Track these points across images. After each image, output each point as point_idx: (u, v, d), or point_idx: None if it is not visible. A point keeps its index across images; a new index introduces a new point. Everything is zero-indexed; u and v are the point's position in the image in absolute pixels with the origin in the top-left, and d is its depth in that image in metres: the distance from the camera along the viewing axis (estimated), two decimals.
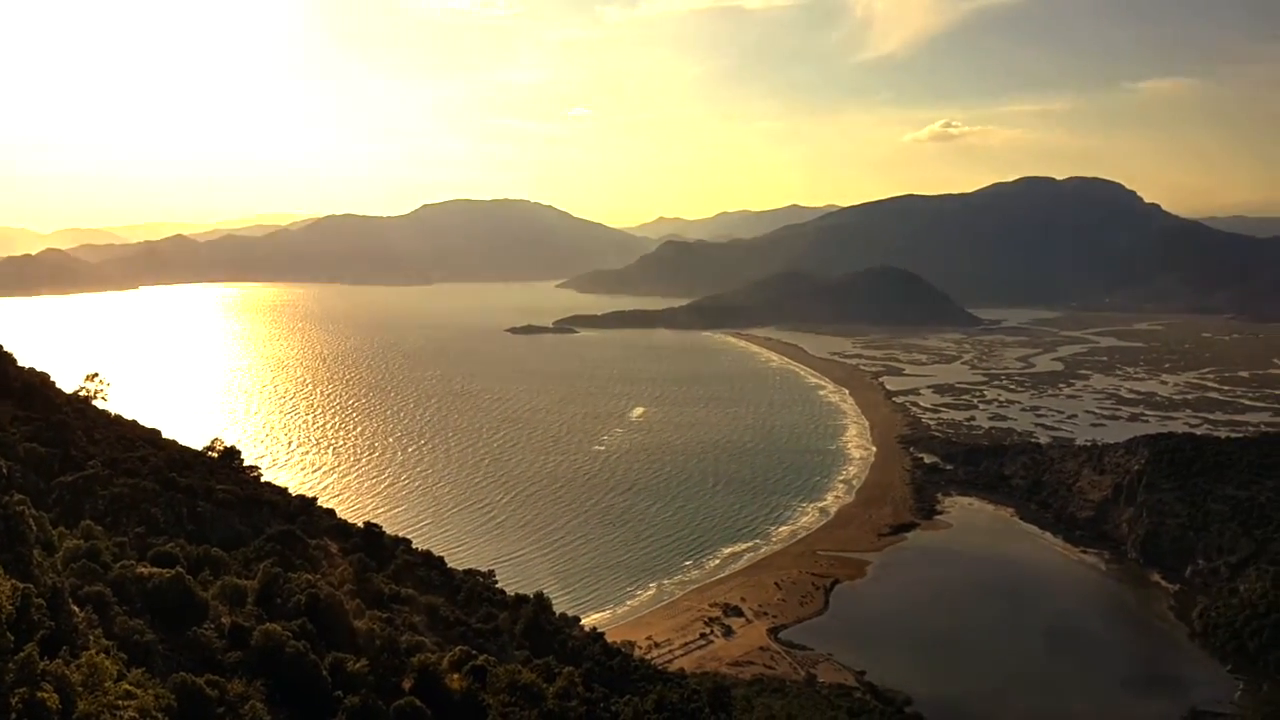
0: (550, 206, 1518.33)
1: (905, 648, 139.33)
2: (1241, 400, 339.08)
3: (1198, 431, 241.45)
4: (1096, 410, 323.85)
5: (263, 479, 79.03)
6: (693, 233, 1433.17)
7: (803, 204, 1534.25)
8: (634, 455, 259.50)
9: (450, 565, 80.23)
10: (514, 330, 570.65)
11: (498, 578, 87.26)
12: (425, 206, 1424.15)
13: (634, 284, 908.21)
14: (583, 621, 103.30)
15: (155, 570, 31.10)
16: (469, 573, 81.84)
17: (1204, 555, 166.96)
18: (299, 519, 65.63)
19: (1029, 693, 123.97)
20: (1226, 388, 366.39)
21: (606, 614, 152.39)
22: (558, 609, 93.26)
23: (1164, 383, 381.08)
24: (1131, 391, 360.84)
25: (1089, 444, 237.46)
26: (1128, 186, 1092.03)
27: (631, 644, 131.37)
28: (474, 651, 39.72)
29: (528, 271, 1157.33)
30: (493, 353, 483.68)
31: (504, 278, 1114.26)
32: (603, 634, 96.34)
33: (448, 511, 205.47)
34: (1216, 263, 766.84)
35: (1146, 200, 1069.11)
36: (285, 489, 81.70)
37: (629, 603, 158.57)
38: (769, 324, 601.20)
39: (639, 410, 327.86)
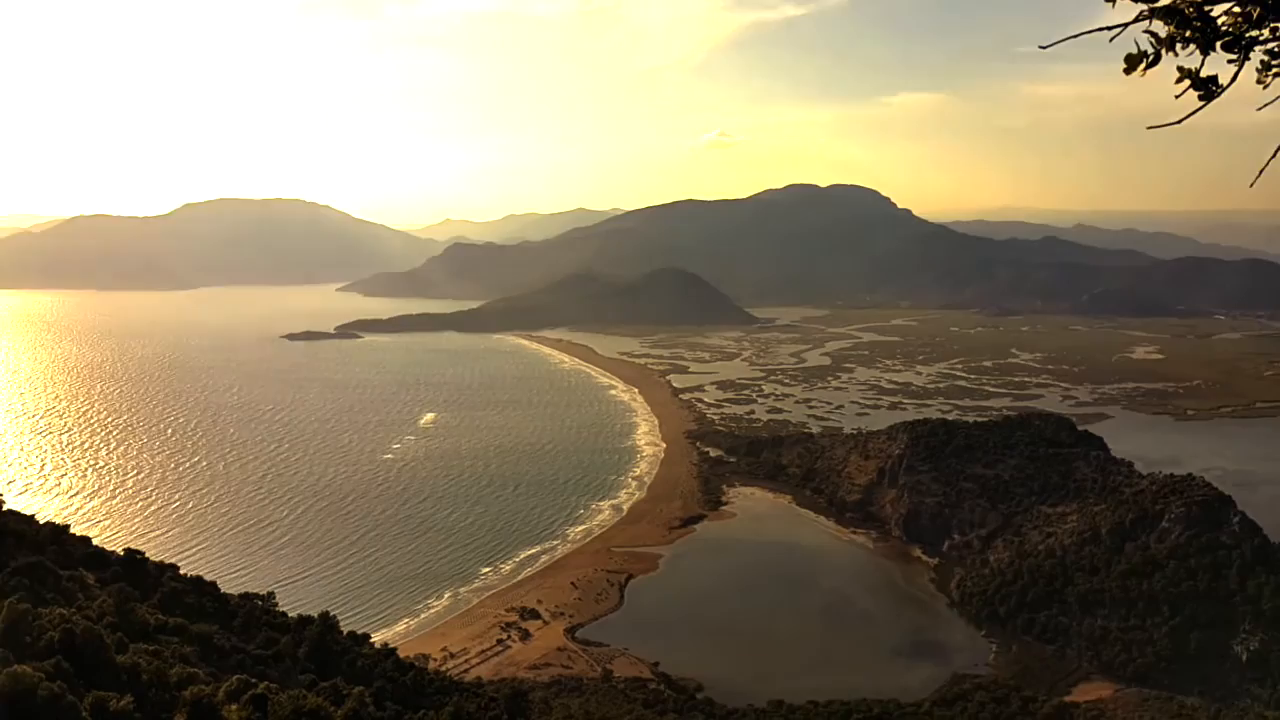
0: (328, 206, 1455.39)
1: (697, 636, 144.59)
2: (986, 387, 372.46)
3: (949, 417, 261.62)
4: (861, 400, 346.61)
5: (4, 507, 71.60)
6: (481, 235, 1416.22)
7: (589, 207, 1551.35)
8: (426, 462, 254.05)
9: (225, 590, 75.88)
10: (292, 336, 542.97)
11: (280, 599, 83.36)
12: (188, 206, 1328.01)
13: (421, 287, 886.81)
14: (374, 638, 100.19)
15: None
16: (245, 596, 77.67)
17: (958, 530, 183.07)
18: (49, 549, 60.14)
19: (810, 669, 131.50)
20: (973, 376, 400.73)
21: (401, 628, 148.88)
22: (348, 626, 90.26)
23: (919, 373, 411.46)
24: (891, 382, 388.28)
25: (855, 432, 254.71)
26: (883, 193, 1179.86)
27: (426, 657, 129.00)
28: (253, 680, 37.95)
29: (305, 274, 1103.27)
30: (269, 361, 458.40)
31: (279, 281, 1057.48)
32: (395, 649, 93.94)
33: (224, 532, 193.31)
34: (963, 262, 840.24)
35: (900, 205, 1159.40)
36: (33, 517, 74.41)
37: (423, 614, 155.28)
38: (560, 325, 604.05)
39: (430, 416, 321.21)
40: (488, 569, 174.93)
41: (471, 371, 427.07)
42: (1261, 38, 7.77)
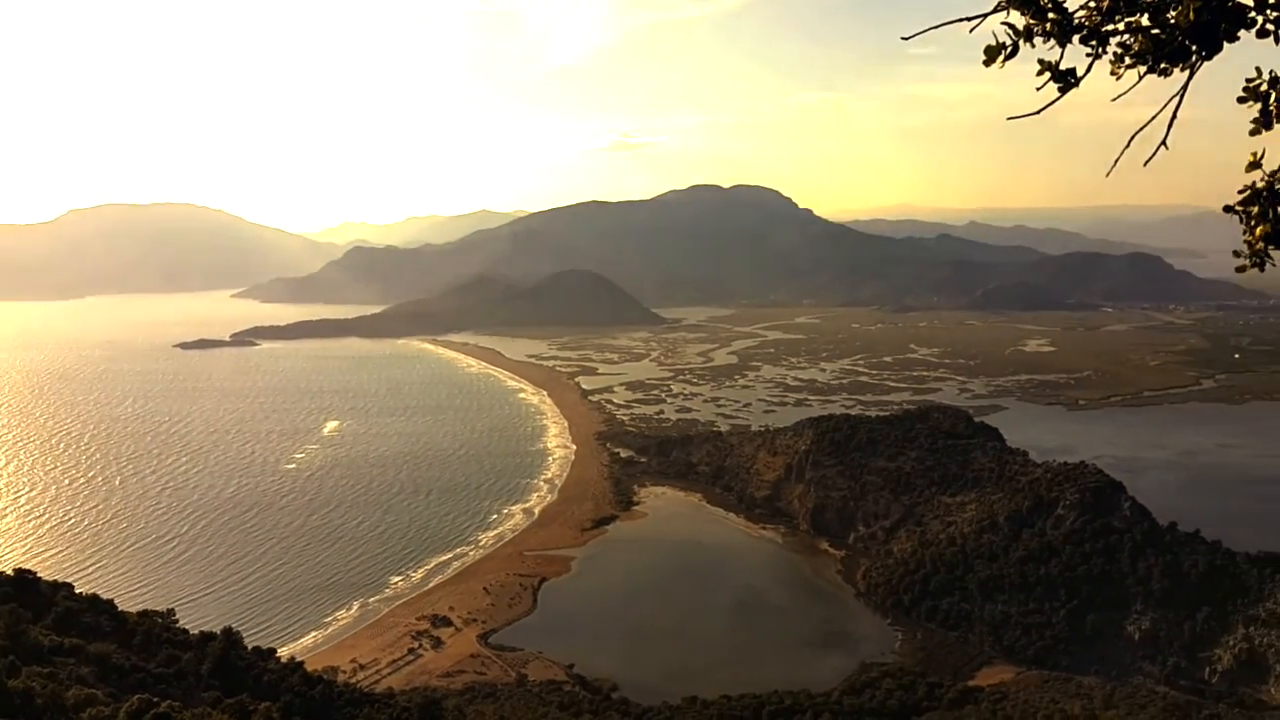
0: (221, 211, 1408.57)
1: (611, 636, 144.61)
2: (887, 382, 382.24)
3: (853, 412, 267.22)
4: (767, 398, 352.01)
5: None
6: (381, 238, 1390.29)
7: (493, 209, 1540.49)
8: (333, 471, 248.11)
9: (123, 608, 72.68)
10: (185, 345, 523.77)
11: (181, 616, 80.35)
12: (73, 212, 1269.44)
13: (321, 292, 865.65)
14: (281, 652, 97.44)
15: None
16: (145, 614, 74.59)
17: (863, 522, 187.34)
18: None
19: (724, 664, 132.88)
20: (875, 372, 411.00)
21: (308, 641, 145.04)
22: (253, 641, 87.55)
23: (823, 370, 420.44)
24: (796, 379, 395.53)
25: (763, 429, 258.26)
26: (784, 193, 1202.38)
27: (335, 669, 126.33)
28: (155, 699, 36.43)
29: (199, 281, 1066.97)
30: (162, 371, 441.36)
31: (171, 288, 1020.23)
32: (302, 663, 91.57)
33: (122, 549, 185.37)
34: (862, 261, 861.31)
35: (801, 205, 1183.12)
36: None
37: (332, 626, 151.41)
38: (466, 329, 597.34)
39: (334, 424, 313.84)
40: (398, 578, 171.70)
41: (376, 378, 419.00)
42: (1116, 30, 8.00)
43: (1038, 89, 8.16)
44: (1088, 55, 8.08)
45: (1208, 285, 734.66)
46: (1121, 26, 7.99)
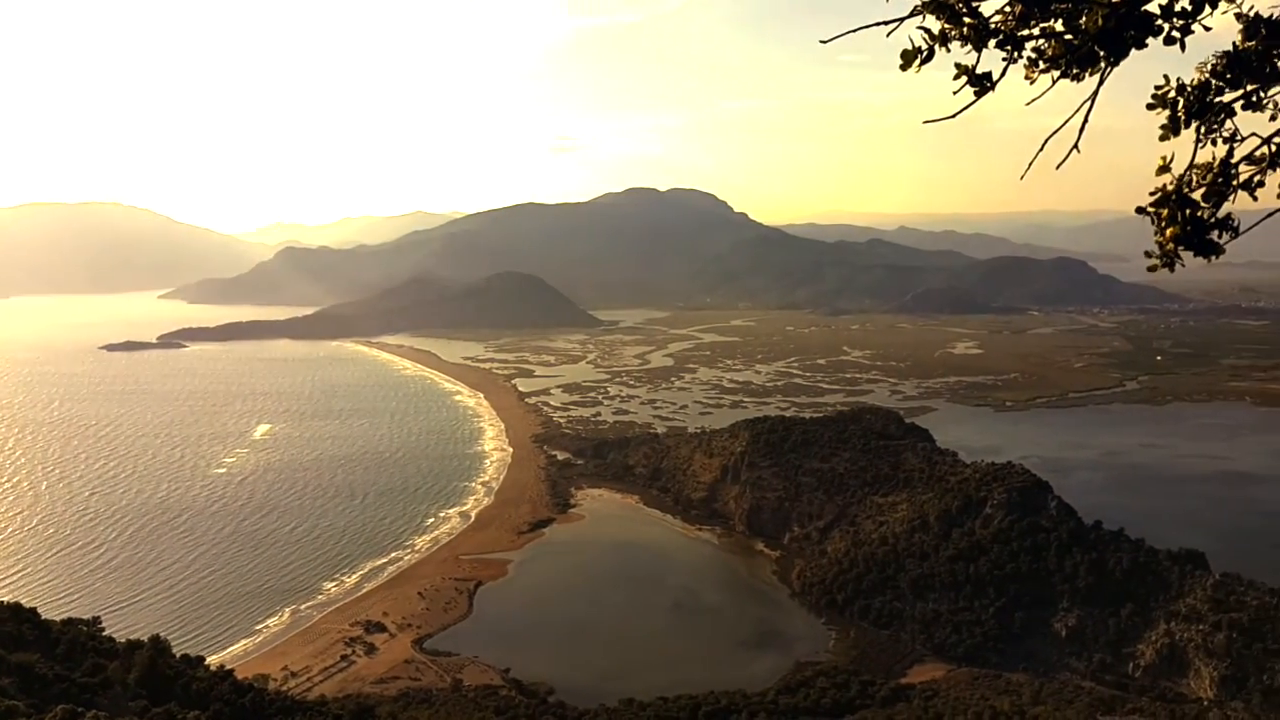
0: (149, 210, 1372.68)
1: (548, 639, 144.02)
2: (821, 384, 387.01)
3: (787, 414, 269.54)
4: (704, 400, 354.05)
5: None
6: (314, 239, 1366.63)
7: (429, 210, 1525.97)
8: (266, 475, 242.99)
9: (47, 616, 70.40)
10: (111, 347, 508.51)
11: (108, 624, 78.14)
12: None
13: (252, 293, 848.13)
14: (210, 660, 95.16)
15: None
16: (69, 622, 72.47)
17: (798, 522, 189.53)
18: None
19: (661, 666, 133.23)
20: (809, 374, 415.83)
21: (238, 649, 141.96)
22: (182, 649, 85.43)
23: (758, 372, 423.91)
24: (732, 381, 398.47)
25: (699, 431, 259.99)
26: (720, 197, 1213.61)
27: (266, 677, 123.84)
28: (79, 709, 35.39)
29: (126, 281, 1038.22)
30: (87, 374, 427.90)
31: (97, 289, 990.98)
32: (232, 671, 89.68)
33: (46, 557, 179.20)
34: (797, 264, 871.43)
35: (736, 209, 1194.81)
36: None
37: (263, 634, 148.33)
38: (401, 331, 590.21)
39: (266, 427, 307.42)
40: (331, 583, 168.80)
41: (309, 380, 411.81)
42: (1031, 35, 8.18)
43: (954, 93, 8.31)
44: (1003, 60, 8.22)
45: (1130, 289, 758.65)
46: (1036, 31, 8.15)
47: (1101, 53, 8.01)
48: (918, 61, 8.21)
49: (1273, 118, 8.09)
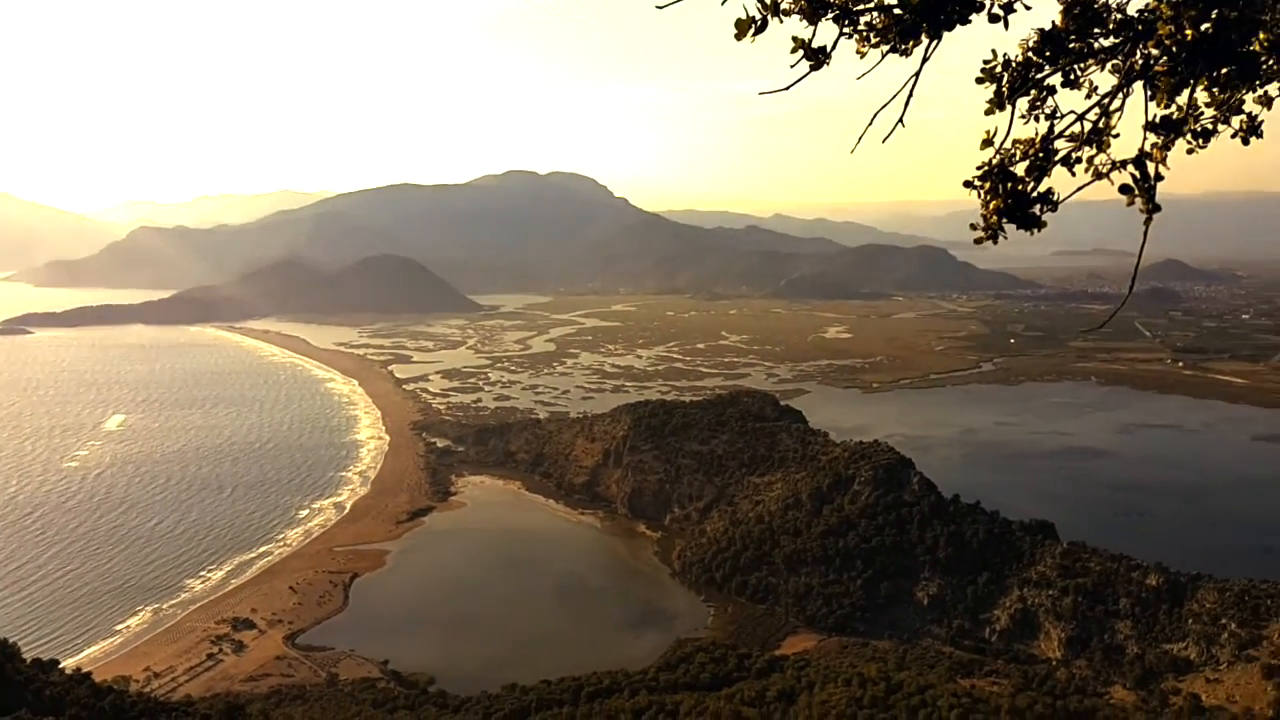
0: None
1: (428, 629, 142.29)
2: (700, 368, 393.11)
3: (668, 398, 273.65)
4: (586, 385, 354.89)
5: None
6: (171, 218, 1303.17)
7: (296, 189, 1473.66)
8: (123, 468, 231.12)
9: None
10: None
11: None
12: None
13: (103, 276, 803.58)
14: (65, 663, 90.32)
15: None
16: None
17: (679, 504, 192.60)
18: None
19: (544, 650, 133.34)
20: (688, 358, 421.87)
21: (96, 650, 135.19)
22: (35, 653, 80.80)
23: (639, 357, 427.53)
24: (614, 366, 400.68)
25: (581, 416, 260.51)
26: (600, 181, 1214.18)
27: (127, 679, 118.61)
28: None
29: None
30: None
31: None
32: (90, 674, 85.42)
33: None
34: (676, 250, 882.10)
35: (617, 194, 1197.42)
36: None
37: (123, 634, 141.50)
38: (267, 315, 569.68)
39: (121, 418, 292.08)
40: (195, 580, 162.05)
41: (167, 367, 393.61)
42: (865, 9, 8.39)
43: (791, 66, 8.44)
44: (842, 34, 8.42)
45: (987, 275, 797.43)
46: (871, 4, 8.35)
47: (925, 25, 8.28)
48: (751, 31, 8.33)
49: (1088, 95, 8.63)
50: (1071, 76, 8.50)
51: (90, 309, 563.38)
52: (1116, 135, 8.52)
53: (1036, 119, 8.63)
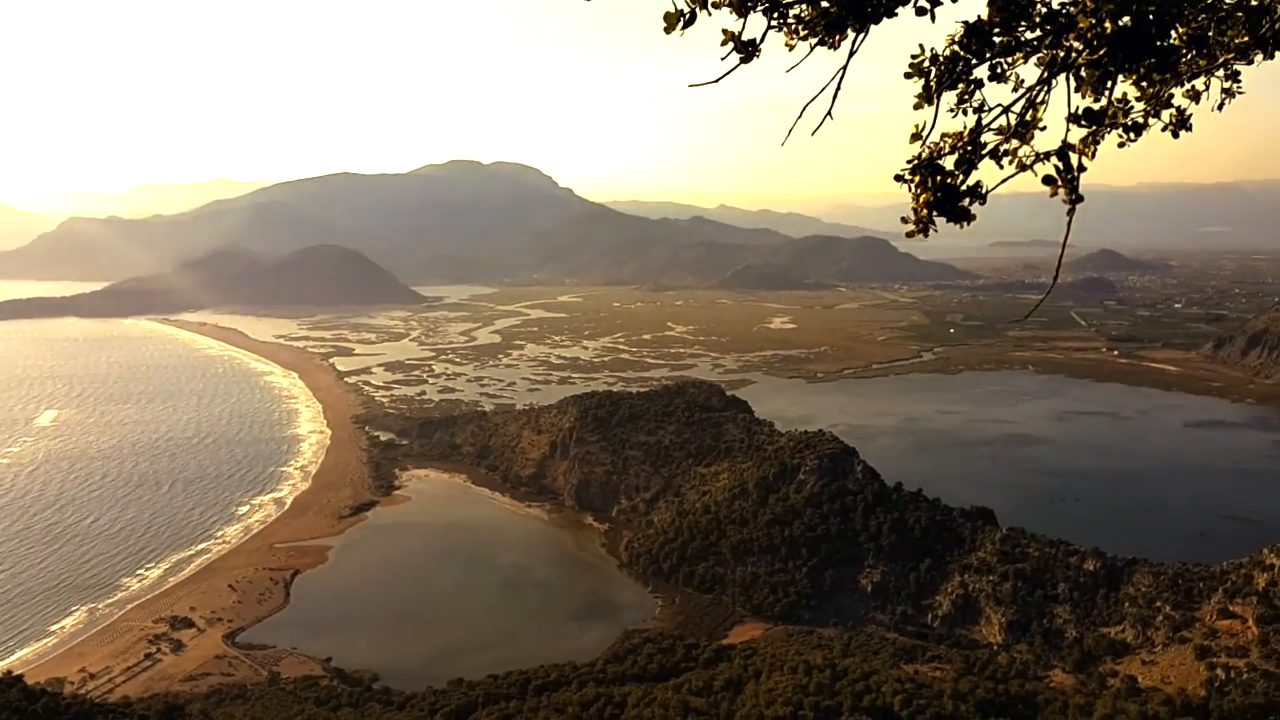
0: None
1: (372, 626, 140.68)
2: (646, 359, 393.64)
3: (615, 389, 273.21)
4: (532, 376, 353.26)
5: None
6: (103, 208, 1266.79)
7: (232, 178, 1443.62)
8: (58, 465, 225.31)
9: None
10: None
11: None
12: None
13: (31, 267, 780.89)
14: None
15: None
16: None
17: (626, 495, 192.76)
18: None
19: (492, 644, 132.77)
20: (635, 349, 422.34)
21: (28, 652, 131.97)
22: None
23: (585, 348, 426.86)
24: (560, 357, 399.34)
25: (528, 408, 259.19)
26: (545, 171, 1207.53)
27: (61, 680, 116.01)
28: None
29: None
30: None
31: None
32: (21, 676, 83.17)
33: None
34: (622, 241, 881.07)
35: (561, 185, 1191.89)
36: None
37: (56, 635, 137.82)
38: (203, 307, 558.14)
39: (53, 413, 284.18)
40: (132, 579, 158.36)
41: (100, 361, 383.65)
42: (792, 1, 8.29)
43: (722, 58, 8.35)
44: (771, 26, 8.33)
45: (927, 267, 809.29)
46: None
47: (851, 18, 8.24)
48: (680, 24, 8.25)
49: (1015, 89, 8.70)
50: (999, 70, 8.53)
51: (19, 302, 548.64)
52: (1043, 128, 8.57)
53: (965, 112, 8.66)
